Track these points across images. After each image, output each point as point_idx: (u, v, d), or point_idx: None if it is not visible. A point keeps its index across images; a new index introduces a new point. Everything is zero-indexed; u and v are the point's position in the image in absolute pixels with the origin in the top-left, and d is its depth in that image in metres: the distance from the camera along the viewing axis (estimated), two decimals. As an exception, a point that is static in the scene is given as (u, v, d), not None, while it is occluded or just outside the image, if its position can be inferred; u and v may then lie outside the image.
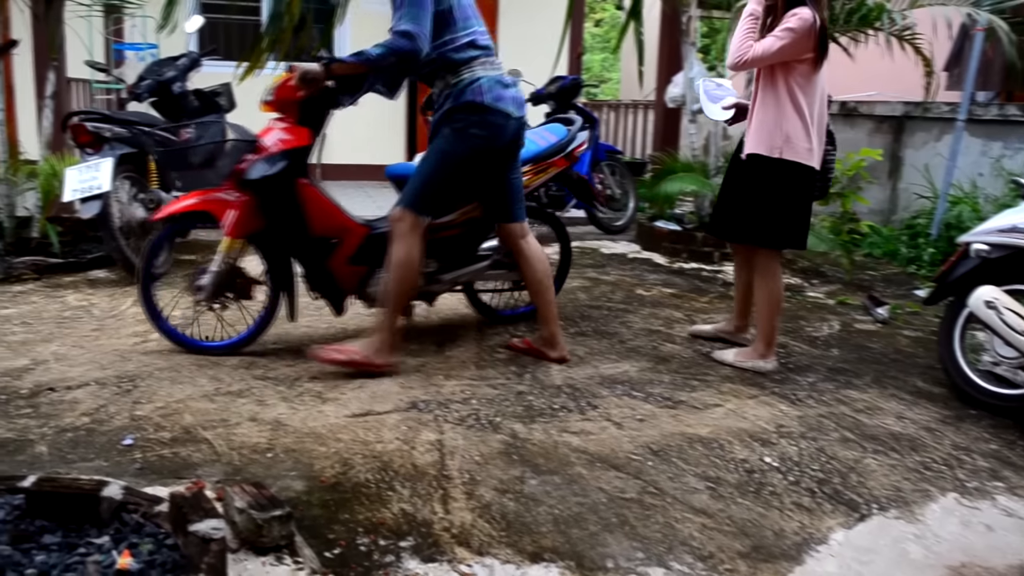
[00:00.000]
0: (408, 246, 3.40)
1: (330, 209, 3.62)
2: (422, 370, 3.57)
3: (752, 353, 3.82)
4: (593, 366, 3.73)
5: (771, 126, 3.59)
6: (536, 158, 3.99)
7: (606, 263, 6.11)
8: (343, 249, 3.63)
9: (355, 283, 3.72)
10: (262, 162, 3.46)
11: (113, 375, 3.40)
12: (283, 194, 3.49)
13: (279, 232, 3.57)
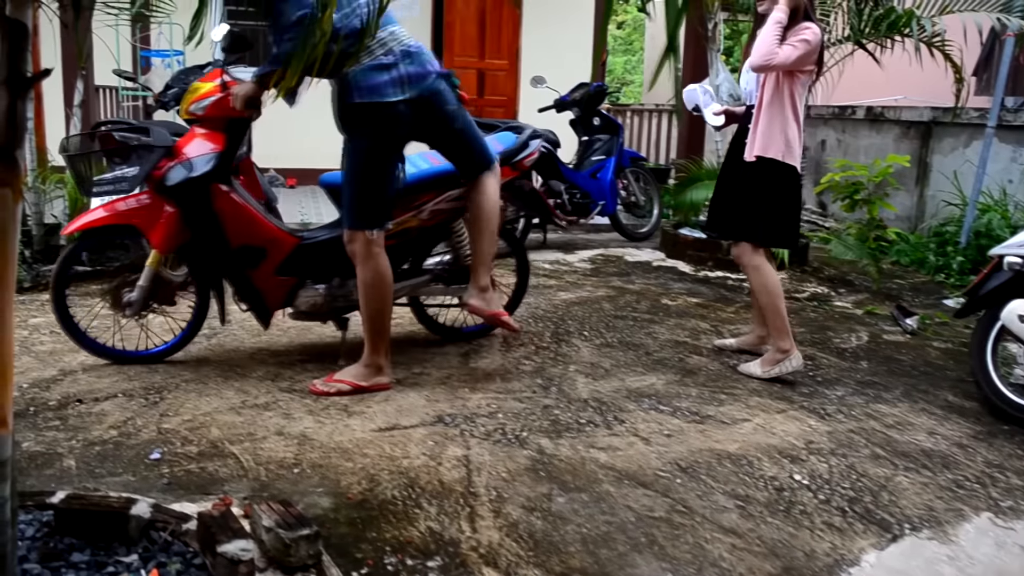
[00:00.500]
0: (371, 265, 3.33)
1: (253, 218, 3.51)
2: (447, 382, 3.56)
3: (774, 357, 3.79)
4: (619, 379, 3.70)
5: (777, 131, 3.70)
6: None
7: (631, 271, 6.08)
8: (269, 260, 3.54)
9: (282, 295, 3.62)
10: (179, 167, 3.39)
11: (140, 387, 3.42)
12: (202, 201, 3.41)
13: (202, 242, 3.50)
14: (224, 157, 3.44)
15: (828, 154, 9.06)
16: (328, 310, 3.66)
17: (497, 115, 10.19)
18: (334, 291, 3.64)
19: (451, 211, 3.76)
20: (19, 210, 1.39)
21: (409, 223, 3.65)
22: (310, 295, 3.61)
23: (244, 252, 3.50)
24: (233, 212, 3.47)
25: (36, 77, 1.30)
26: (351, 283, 3.63)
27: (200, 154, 3.40)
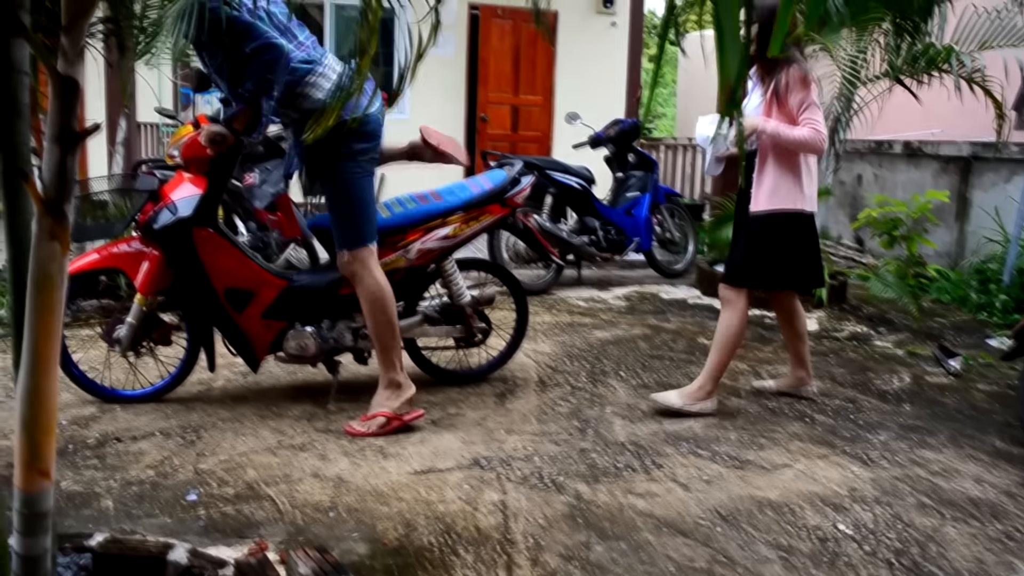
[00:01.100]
0: (372, 282, 3.40)
1: (239, 260, 3.51)
2: (483, 424, 3.54)
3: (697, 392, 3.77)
4: (657, 421, 3.65)
5: (790, 182, 3.67)
6: (466, 205, 3.78)
7: (666, 309, 6.04)
8: (257, 302, 3.53)
9: (271, 339, 3.60)
10: (164, 210, 3.40)
11: (178, 425, 3.43)
12: (185, 244, 3.41)
13: (185, 285, 3.50)
14: (207, 200, 3.44)
15: (865, 189, 8.98)
16: (317, 353, 3.63)
17: (531, 151, 10.25)
18: (324, 334, 3.63)
19: (440, 250, 3.75)
20: (66, 262, 1.40)
21: (397, 263, 3.65)
22: (299, 338, 3.59)
23: (231, 295, 3.50)
24: (217, 255, 3.46)
25: (85, 133, 1.31)
26: (340, 325, 3.65)
27: (183, 197, 3.41)
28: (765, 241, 3.71)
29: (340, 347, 3.67)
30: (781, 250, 3.71)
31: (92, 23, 4.66)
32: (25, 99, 1.62)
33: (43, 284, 1.38)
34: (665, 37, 1.13)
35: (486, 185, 3.83)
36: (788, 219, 3.68)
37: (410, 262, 3.68)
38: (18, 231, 1.66)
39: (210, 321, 3.58)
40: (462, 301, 3.89)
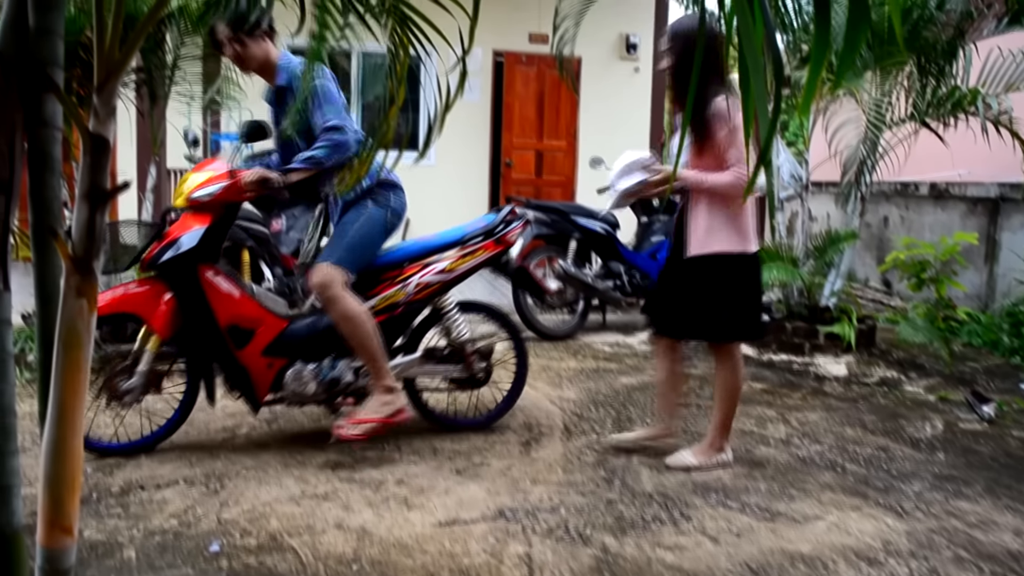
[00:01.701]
0: (344, 303, 3.49)
1: (241, 299, 3.56)
2: (508, 474, 3.49)
3: (710, 449, 3.64)
4: (684, 471, 3.59)
5: (723, 222, 3.47)
6: (461, 241, 3.84)
7: (692, 355, 5.97)
8: (257, 340, 3.56)
9: (271, 377, 3.61)
10: (168, 246, 3.45)
11: (201, 473, 3.42)
12: (190, 281, 3.47)
13: (193, 324, 3.52)
14: (211, 234, 3.49)
15: (892, 231, 8.91)
16: (318, 391, 3.64)
17: (555, 195, 10.28)
18: (324, 372, 3.64)
19: (437, 285, 3.77)
20: (94, 320, 1.40)
21: (396, 297, 3.70)
22: (299, 376, 3.61)
23: (233, 332, 3.54)
24: (220, 291, 3.52)
25: (114, 191, 1.32)
26: (342, 364, 3.66)
27: (187, 232, 3.47)
28: (711, 288, 3.50)
29: (341, 386, 3.67)
30: (728, 296, 3.50)
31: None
32: (56, 154, 1.64)
33: (70, 341, 1.39)
34: (690, 90, 1.12)
35: (479, 224, 3.94)
36: (732, 262, 3.48)
37: (409, 296, 3.73)
38: (47, 285, 1.67)
39: (212, 357, 3.61)
40: (461, 340, 3.90)
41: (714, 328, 3.57)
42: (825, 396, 4.93)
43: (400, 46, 2.19)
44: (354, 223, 3.61)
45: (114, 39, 1.30)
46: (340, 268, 3.52)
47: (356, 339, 3.52)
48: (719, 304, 3.50)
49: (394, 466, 3.53)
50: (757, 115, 1.01)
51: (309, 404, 3.74)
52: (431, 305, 3.86)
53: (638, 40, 10.80)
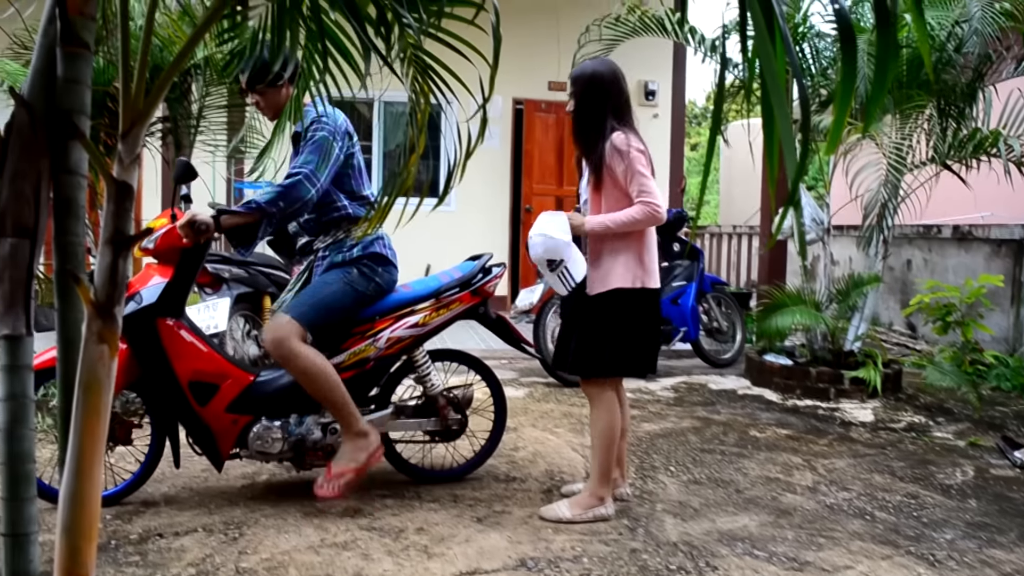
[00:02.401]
0: (302, 359, 3.35)
1: (204, 353, 3.43)
2: (529, 522, 3.44)
3: (590, 499, 3.48)
4: (710, 519, 3.53)
5: (624, 259, 3.41)
6: (436, 293, 3.72)
7: (716, 400, 5.92)
8: (221, 396, 3.43)
9: (235, 434, 3.48)
10: (129, 301, 3.33)
11: (220, 521, 3.39)
12: (149, 335, 3.34)
13: (152, 378, 3.41)
14: (173, 288, 3.38)
15: (915, 274, 8.84)
16: (284, 449, 3.53)
17: (575, 240, 10.28)
18: (291, 428, 3.53)
19: (410, 339, 3.66)
20: (115, 366, 1.40)
21: (366, 352, 3.58)
22: (265, 433, 3.49)
23: (195, 387, 3.40)
24: (181, 345, 3.39)
25: (137, 236, 1.32)
26: (309, 420, 3.55)
27: (149, 286, 3.38)
28: (607, 324, 3.41)
29: (308, 443, 3.56)
30: (624, 333, 3.42)
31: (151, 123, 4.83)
32: (81, 200, 1.65)
33: (91, 386, 1.38)
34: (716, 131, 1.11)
35: (455, 275, 3.80)
36: (630, 297, 3.40)
37: (379, 351, 3.60)
38: (69, 330, 1.67)
39: (173, 415, 3.49)
40: (434, 393, 3.80)
41: (586, 363, 3.46)
42: (852, 442, 4.85)
43: (421, 94, 2.21)
44: (331, 284, 3.49)
45: (139, 88, 1.31)
46: (298, 324, 3.37)
47: (319, 392, 3.40)
48: (604, 339, 3.41)
49: (414, 513, 3.49)
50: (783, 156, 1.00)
51: (273, 461, 3.61)
52: (403, 357, 3.76)
53: (656, 87, 10.88)
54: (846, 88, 0.93)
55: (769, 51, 0.90)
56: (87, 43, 1.60)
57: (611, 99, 3.45)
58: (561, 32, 9.93)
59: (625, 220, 3.34)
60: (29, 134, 1.59)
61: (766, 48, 0.91)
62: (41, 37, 1.65)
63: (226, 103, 5.96)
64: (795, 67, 0.96)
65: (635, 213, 3.33)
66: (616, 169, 3.38)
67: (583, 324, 3.47)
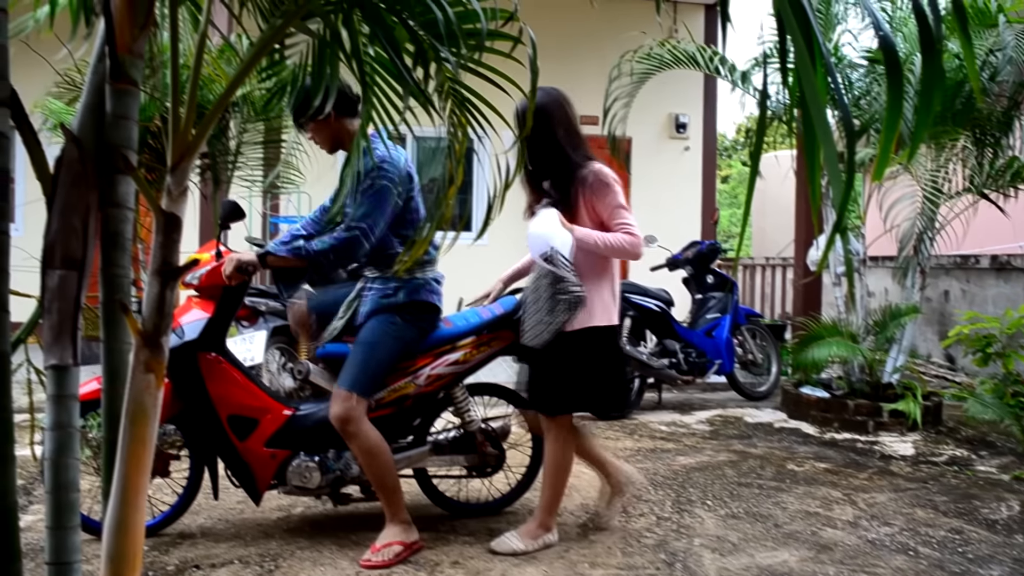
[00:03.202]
0: (364, 437, 3.32)
1: (245, 387, 3.43)
2: (566, 556, 3.41)
3: (538, 529, 3.48)
4: (748, 554, 3.47)
5: (598, 295, 3.40)
6: (477, 330, 3.67)
7: (752, 433, 5.85)
8: (260, 431, 3.42)
9: (273, 469, 3.46)
10: (172, 334, 3.33)
11: (256, 553, 3.40)
12: (190, 369, 3.35)
13: (193, 412, 3.41)
14: (214, 324, 3.39)
15: (953, 305, 8.71)
16: (322, 484, 3.51)
17: (607, 272, 10.27)
18: (329, 464, 3.52)
19: (450, 376, 3.63)
20: (160, 396, 1.42)
21: (406, 389, 3.55)
22: (303, 469, 3.48)
23: (234, 422, 3.41)
24: (221, 380, 3.40)
25: (184, 268, 1.35)
26: (347, 455, 3.53)
27: (191, 321, 3.38)
28: (588, 360, 3.39)
29: (346, 478, 3.55)
30: (604, 369, 3.43)
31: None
32: (127, 233, 1.68)
33: (137, 416, 1.40)
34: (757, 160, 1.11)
35: (497, 310, 3.75)
36: (602, 334, 3.41)
37: (419, 388, 3.57)
38: (114, 361, 1.70)
39: (212, 449, 3.49)
40: (472, 428, 3.76)
41: (567, 399, 3.43)
42: (892, 476, 4.76)
43: (459, 126, 2.23)
44: (377, 342, 3.42)
45: (188, 122, 1.35)
46: (360, 397, 3.35)
47: (373, 473, 3.38)
48: (585, 376, 3.39)
49: (449, 547, 3.47)
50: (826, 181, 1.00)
51: (310, 496, 3.60)
52: (442, 393, 3.73)
53: (688, 119, 10.92)
54: (893, 114, 0.93)
55: (811, 73, 0.91)
56: (135, 80, 1.64)
57: (561, 126, 3.45)
58: (589, 67, 10.02)
59: (612, 243, 3.34)
60: (78, 168, 1.63)
61: (807, 71, 0.91)
62: (91, 74, 1.70)
63: (262, 139, 6.05)
64: (838, 89, 0.96)
65: (623, 241, 3.34)
66: (599, 201, 3.39)
67: (561, 360, 3.39)
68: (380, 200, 3.31)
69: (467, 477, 3.90)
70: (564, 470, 3.49)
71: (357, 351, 3.42)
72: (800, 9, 0.91)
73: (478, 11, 1.75)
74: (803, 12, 0.90)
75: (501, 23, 2.00)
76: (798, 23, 0.91)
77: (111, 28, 1.61)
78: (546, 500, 3.51)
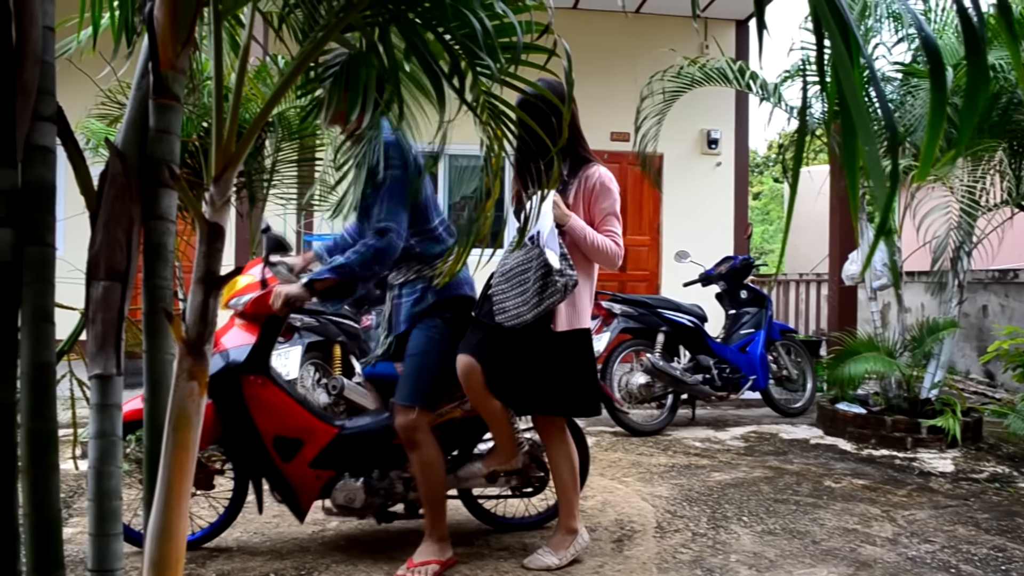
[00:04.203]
0: (428, 450, 3.33)
1: (290, 408, 3.41)
2: (600, 572, 3.38)
3: (563, 540, 3.46)
4: (786, 571, 3.42)
5: (588, 296, 3.45)
6: None
7: (787, 450, 5.78)
8: (305, 451, 3.40)
9: (317, 489, 3.45)
10: (217, 357, 3.33)
11: (292, 566, 3.41)
12: (233, 393, 3.34)
13: (236, 434, 3.40)
14: (258, 350, 3.39)
15: (991, 320, 8.58)
16: (367, 505, 3.49)
17: (639, 290, 10.28)
18: (374, 484, 3.50)
19: None
20: (203, 403, 1.44)
21: (452, 413, 3.55)
22: (348, 489, 3.46)
23: (279, 444, 3.39)
24: (266, 403, 3.38)
25: (228, 276, 1.37)
26: (392, 475, 3.52)
27: (236, 345, 3.37)
28: (576, 361, 3.40)
29: (391, 498, 3.55)
30: (587, 370, 3.43)
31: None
32: (170, 245, 1.71)
33: (180, 423, 1.42)
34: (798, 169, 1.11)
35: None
36: (586, 336, 3.44)
37: (465, 412, 3.57)
38: (156, 371, 1.73)
39: (257, 470, 3.49)
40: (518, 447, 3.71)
41: (560, 401, 3.40)
42: (932, 493, 4.68)
43: (495, 140, 2.25)
44: (425, 353, 3.40)
45: (231, 134, 1.37)
46: (424, 410, 3.35)
47: (428, 486, 3.37)
48: (573, 376, 3.39)
49: (483, 562, 3.46)
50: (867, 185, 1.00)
51: (354, 516, 3.57)
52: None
53: (719, 135, 10.89)
54: (936, 115, 0.93)
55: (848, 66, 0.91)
56: (177, 95, 1.68)
57: (574, 118, 3.46)
58: (620, 85, 10.05)
59: (599, 245, 3.37)
60: (123, 181, 1.66)
61: (845, 64, 0.91)
62: (135, 90, 1.74)
63: (296, 158, 6.13)
64: (879, 89, 0.96)
65: (608, 246, 3.38)
66: (597, 202, 3.43)
67: (551, 361, 3.37)
68: (394, 192, 3.26)
69: (513, 496, 3.88)
70: (575, 470, 3.49)
71: (409, 364, 3.40)
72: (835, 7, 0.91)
73: (515, 24, 1.77)
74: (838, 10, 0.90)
75: (536, 36, 2.01)
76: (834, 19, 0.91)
77: (154, 45, 1.65)
78: (564, 504, 3.50)
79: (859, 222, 6.35)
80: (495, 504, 3.99)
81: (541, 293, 3.24)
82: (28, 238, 1.60)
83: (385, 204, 3.26)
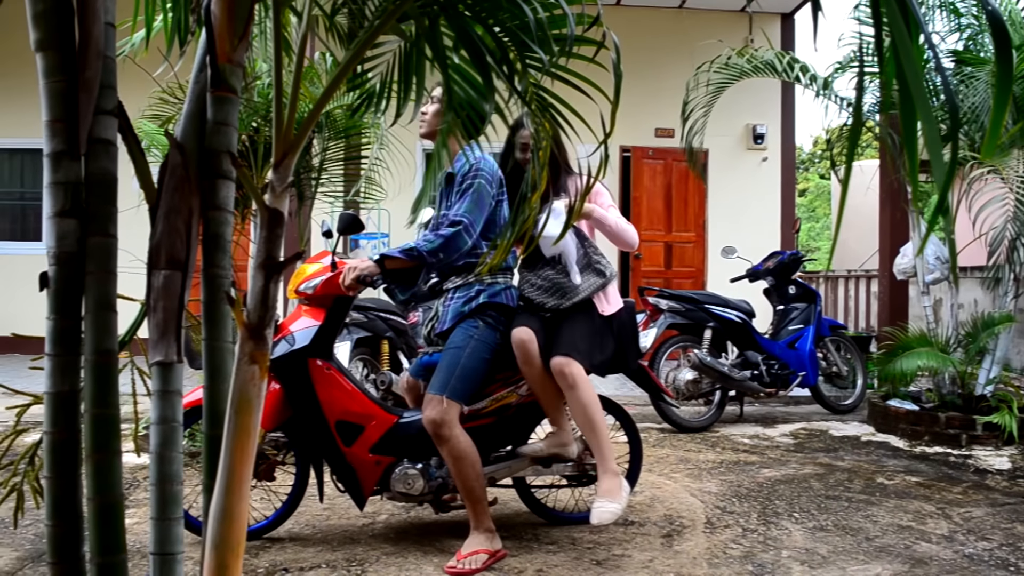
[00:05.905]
0: (456, 442, 3.35)
1: (352, 394, 3.51)
2: (650, 566, 3.37)
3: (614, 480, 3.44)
4: (840, 567, 3.38)
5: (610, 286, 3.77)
6: None
7: (838, 447, 5.70)
8: (366, 437, 3.49)
9: (377, 475, 3.52)
10: (283, 341, 3.43)
11: (343, 557, 3.45)
12: (301, 376, 3.43)
13: (302, 418, 3.48)
14: (324, 332, 3.47)
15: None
16: (425, 491, 3.54)
17: (685, 287, 10.21)
18: (432, 471, 3.55)
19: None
20: (264, 387, 1.47)
21: (508, 399, 3.60)
22: (406, 475, 3.51)
23: (341, 427, 3.47)
24: (330, 387, 3.47)
25: (288, 261, 1.39)
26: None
27: (302, 328, 3.47)
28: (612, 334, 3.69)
29: (448, 486, 3.58)
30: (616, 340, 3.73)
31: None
32: (228, 236, 1.74)
33: (242, 406, 1.45)
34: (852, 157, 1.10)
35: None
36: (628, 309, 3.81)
37: (521, 398, 3.62)
38: (214, 359, 1.76)
39: (320, 454, 3.58)
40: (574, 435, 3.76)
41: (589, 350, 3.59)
42: (989, 490, 4.59)
43: (543, 131, 2.25)
44: (463, 348, 3.46)
45: (290, 120, 1.40)
46: (454, 402, 3.39)
47: (461, 479, 3.40)
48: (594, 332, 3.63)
49: (532, 555, 3.47)
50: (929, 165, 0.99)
51: (414, 503, 3.65)
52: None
53: (765, 130, 10.78)
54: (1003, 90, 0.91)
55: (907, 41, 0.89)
56: (234, 88, 1.71)
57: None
58: (665, 82, 9.99)
59: (623, 225, 3.69)
60: (182, 173, 1.69)
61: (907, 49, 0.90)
62: (193, 83, 1.77)
63: (343, 156, 6.19)
64: (939, 65, 0.95)
65: (628, 228, 3.72)
66: (598, 202, 3.72)
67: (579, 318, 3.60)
68: (479, 198, 3.41)
69: (567, 486, 3.92)
70: (599, 410, 3.52)
71: (445, 356, 3.47)
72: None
73: (568, 14, 1.77)
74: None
75: (585, 28, 2.01)
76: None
77: (211, 38, 1.68)
78: (597, 450, 3.49)
79: (911, 215, 6.24)
80: (546, 495, 4.01)
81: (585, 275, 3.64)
82: (91, 229, 1.64)
83: (467, 202, 3.39)
